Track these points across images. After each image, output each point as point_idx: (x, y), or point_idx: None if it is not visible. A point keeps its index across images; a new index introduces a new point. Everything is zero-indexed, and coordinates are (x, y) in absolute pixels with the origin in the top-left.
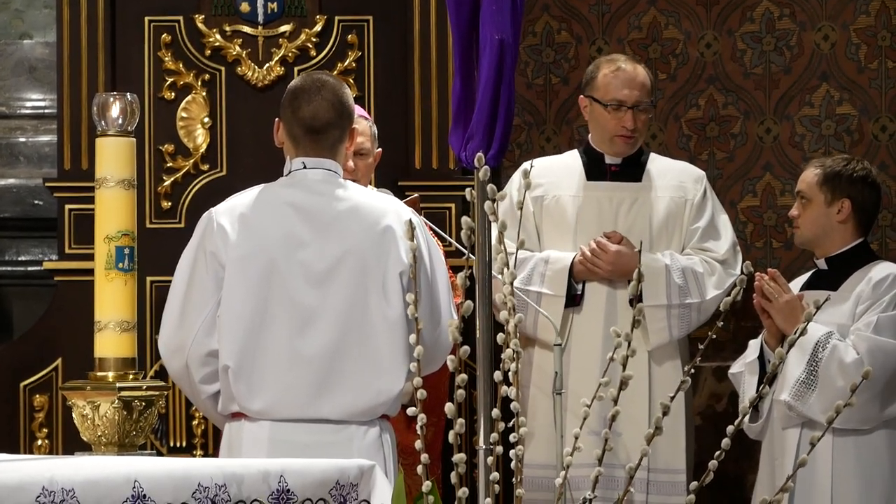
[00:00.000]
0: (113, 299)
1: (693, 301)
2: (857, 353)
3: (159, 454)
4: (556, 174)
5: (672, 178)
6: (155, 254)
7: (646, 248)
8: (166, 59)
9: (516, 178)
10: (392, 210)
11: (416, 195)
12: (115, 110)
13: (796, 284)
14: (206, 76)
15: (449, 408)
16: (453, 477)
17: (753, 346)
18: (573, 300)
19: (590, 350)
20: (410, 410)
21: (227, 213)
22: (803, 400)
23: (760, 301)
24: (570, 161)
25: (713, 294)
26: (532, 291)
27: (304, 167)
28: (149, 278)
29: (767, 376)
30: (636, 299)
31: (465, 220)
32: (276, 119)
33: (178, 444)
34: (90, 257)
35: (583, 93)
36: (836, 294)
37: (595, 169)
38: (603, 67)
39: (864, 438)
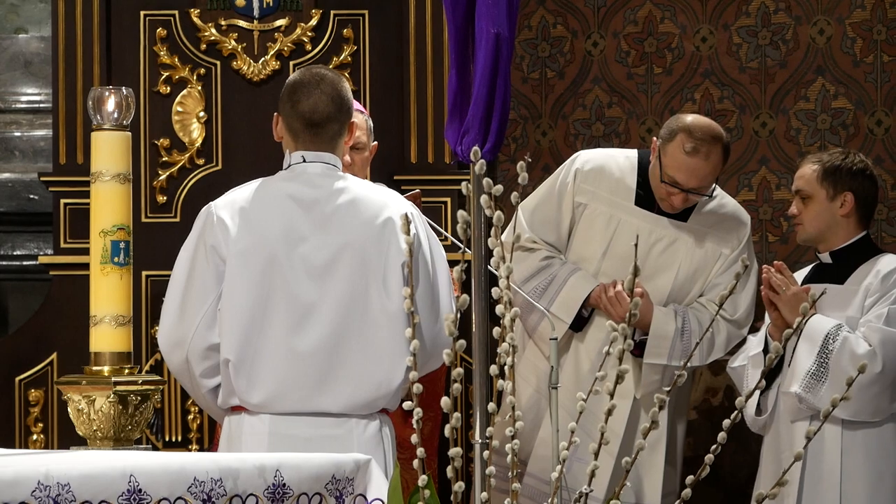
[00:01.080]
0: (108, 294)
1: (694, 364)
2: (868, 344)
3: (155, 449)
4: (607, 185)
5: (717, 225)
6: (150, 248)
7: (664, 295)
8: (162, 53)
9: (571, 172)
10: (392, 203)
11: (417, 190)
12: (110, 105)
13: (797, 278)
14: (202, 70)
15: (445, 402)
16: (449, 471)
17: (755, 340)
18: (578, 322)
19: (584, 377)
20: (406, 404)
21: (227, 206)
22: (814, 392)
23: (768, 293)
24: (626, 173)
25: (715, 357)
26: (540, 306)
27: (304, 161)
28: (144, 272)
29: (763, 371)
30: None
31: (461, 214)
32: (276, 114)
33: (173, 439)
34: (85, 252)
35: (659, 137)
36: (842, 287)
37: (646, 195)
38: (681, 137)
39: (874, 431)
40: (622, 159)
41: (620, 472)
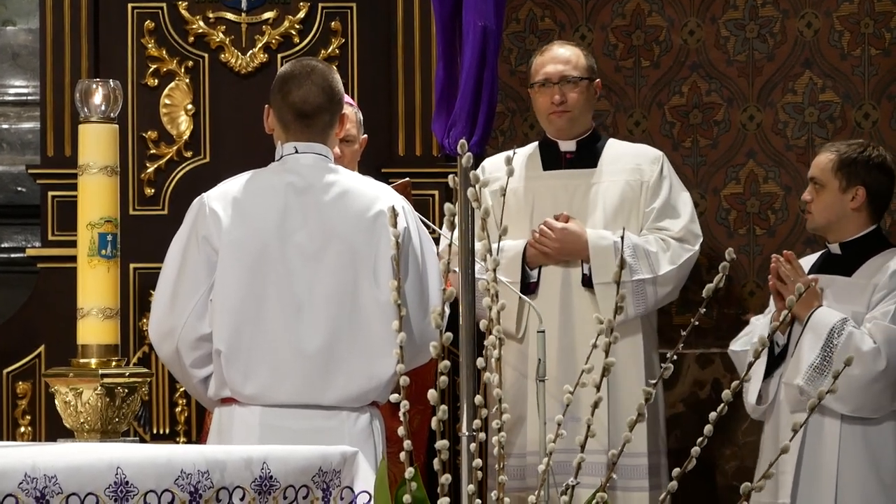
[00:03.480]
0: (96, 286)
1: (645, 276)
2: (873, 341)
3: (142, 441)
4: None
5: (628, 161)
6: (138, 241)
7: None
8: (149, 45)
9: (487, 169)
10: (384, 196)
11: (406, 179)
12: (98, 97)
13: (804, 265)
14: (190, 63)
15: (431, 394)
16: (436, 463)
17: (759, 325)
18: (528, 288)
19: (547, 337)
20: (394, 397)
21: (220, 198)
22: (816, 385)
23: (776, 284)
24: (528, 152)
25: (667, 269)
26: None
27: (296, 152)
28: (132, 265)
29: (749, 367)
30: (617, 278)
31: (447, 206)
32: (266, 106)
33: (161, 431)
34: (73, 244)
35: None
36: (849, 280)
37: (551, 158)
38: (535, 56)
39: (874, 428)
40: (520, 149)
41: (618, 419)
